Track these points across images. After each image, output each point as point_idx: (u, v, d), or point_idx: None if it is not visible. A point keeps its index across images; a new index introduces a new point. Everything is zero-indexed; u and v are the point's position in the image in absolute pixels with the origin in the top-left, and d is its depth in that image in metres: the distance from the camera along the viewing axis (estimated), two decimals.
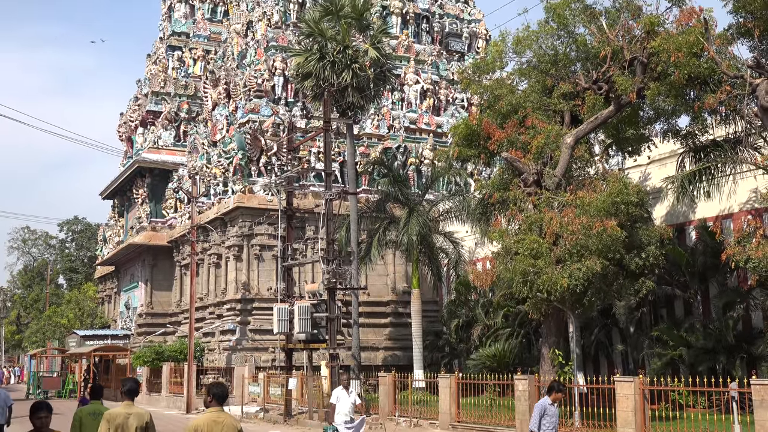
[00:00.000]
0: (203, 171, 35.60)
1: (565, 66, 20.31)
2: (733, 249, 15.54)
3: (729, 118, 17.86)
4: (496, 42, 21.75)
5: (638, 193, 17.17)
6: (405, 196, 27.56)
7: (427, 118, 36.32)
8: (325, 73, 25.36)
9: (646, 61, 17.95)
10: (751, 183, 19.14)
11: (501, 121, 20.24)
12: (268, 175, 31.81)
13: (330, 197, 23.10)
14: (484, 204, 21.90)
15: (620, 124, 19.64)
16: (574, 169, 19.35)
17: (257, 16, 38.03)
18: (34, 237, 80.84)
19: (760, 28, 16.06)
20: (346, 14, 26.05)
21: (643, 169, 22.96)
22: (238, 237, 31.97)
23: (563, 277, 15.97)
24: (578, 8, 19.72)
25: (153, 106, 44.72)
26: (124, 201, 48.59)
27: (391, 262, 33.05)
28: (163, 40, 48.16)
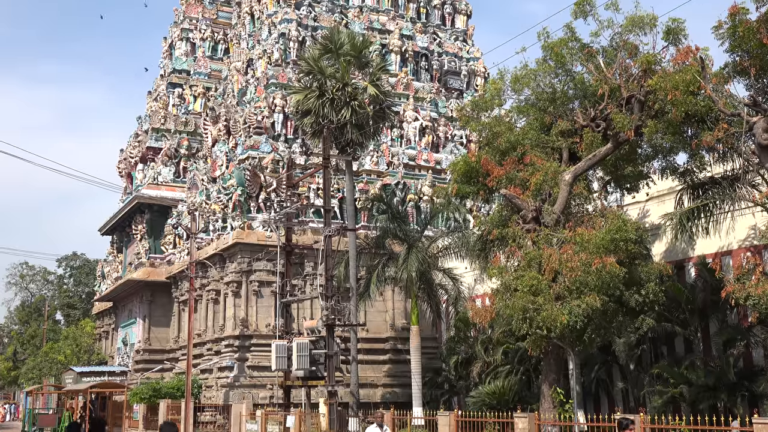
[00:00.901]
0: (202, 207, 35.66)
1: (563, 104, 20.49)
2: (733, 286, 15.53)
3: (727, 156, 17.96)
4: (495, 80, 21.95)
5: (637, 230, 17.21)
6: (404, 232, 27.58)
7: (426, 154, 36.48)
8: (324, 110, 25.56)
9: (643, 99, 18.11)
10: (750, 220, 19.20)
11: (500, 158, 20.36)
12: (268, 211, 31.86)
13: (329, 233, 23.13)
14: (483, 240, 21.91)
15: (618, 161, 19.74)
16: (572, 206, 19.41)
17: (257, 54, 38.40)
18: (32, 273, 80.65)
19: (756, 66, 16.22)
20: (345, 52, 26.32)
21: (641, 205, 23.03)
22: (236, 273, 31.92)
23: (563, 313, 15.94)
24: (575, 47, 19.94)
25: (153, 143, 44.93)
26: (123, 237, 48.57)
27: (390, 299, 32.95)
28: (163, 78, 48.53)
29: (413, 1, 41.31)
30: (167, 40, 49.71)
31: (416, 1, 41.44)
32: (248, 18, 42.19)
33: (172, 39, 48.83)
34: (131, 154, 47.24)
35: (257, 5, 41.41)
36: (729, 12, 16.24)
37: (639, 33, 18.98)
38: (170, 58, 48.63)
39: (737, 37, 16.18)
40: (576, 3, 19.26)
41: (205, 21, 47.67)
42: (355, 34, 28.20)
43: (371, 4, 40.21)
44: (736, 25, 16.06)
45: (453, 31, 41.91)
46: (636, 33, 19.02)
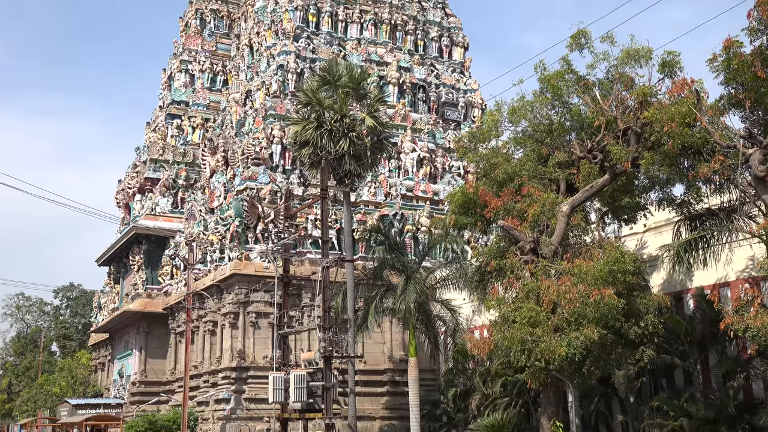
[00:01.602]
0: (200, 238, 35.62)
1: (560, 135, 20.58)
2: (732, 318, 15.49)
3: (723, 187, 18.00)
4: (492, 111, 22.07)
5: (635, 261, 17.21)
6: (402, 263, 27.52)
7: (424, 185, 36.54)
8: (322, 142, 25.63)
9: (639, 131, 18.20)
10: (747, 251, 19.19)
11: (497, 189, 20.39)
12: (265, 242, 31.82)
13: (327, 265, 23.07)
14: (481, 272, 21.87)
15: (616, 193, 19.77)
16: (570, 237, 19.41)
17: (256, 85, 38.63)
18: (28, 304, 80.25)
19: (751, 99, 16.33)
20: (343, 84, 26.46)
21: (639, 237, 23.03)
22: (234, 304, 31.79)
23: (561, 345, 15.87)
24: (572, 79, 20.07)
25: (151, 173, 45.01)
26: (120, 268, 48.44)
27: (388, 330, 32.79)
28: (162, 109, 48.76)
29: (411, 34, 41.67)
30: (166, 72, 50.02)
31: (414, 33, 41.80)
32: (247, 50, 42.52)
33: (171, 70, 49.14)
34: (129, 184, 47.29)
35: (256, 38, 41.74)
36: (723, 45, 16.39)
37: (635, 65, 19.13)
38: (169, 90, 48.90)
39: (732, 70, 16.31)
40: (572, 36, 19.44)
41: (204, 53, 48.02)
42: (353, 66, 28.39)
43: (369, 36, 40.55)
44: (731, 58, 16.20)
45: (450, 63, 42.23)
46: (632, 65, 19.17)
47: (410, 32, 41.66)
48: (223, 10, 49.29)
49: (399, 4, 41.75)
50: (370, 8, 40.96)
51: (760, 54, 15.90)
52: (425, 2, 43.30)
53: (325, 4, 40.08)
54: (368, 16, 40.78)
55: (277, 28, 39.66)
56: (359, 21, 40.77)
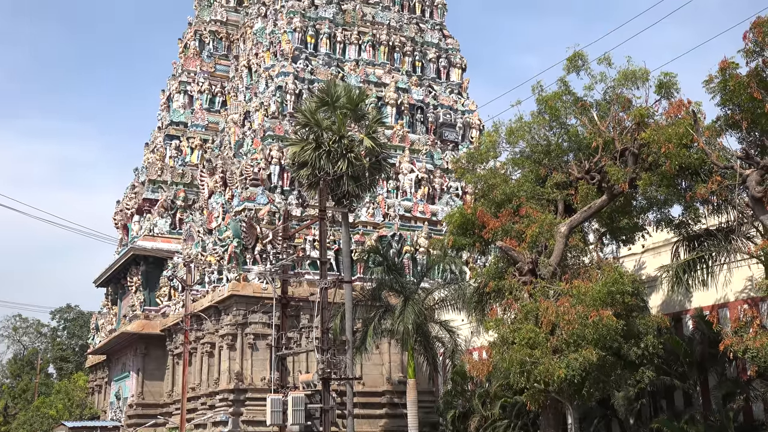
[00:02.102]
0: (198, 259, 35.57)
1: (558, 156, 20.63)
2: (731, 339, 15.46)
3: (721, 208, 18.03)
4: (490, 132, 22.13)
5: (633, 282, 17.19)
6: (400, 284, 27.47)
7: (422, 206, 36.57)
8: (320, 162, 25.66)
9: (637, 152, 18.25)
10: (746, 272, 19.18)
11: (495, 209, 20.40)
12: (263, 263, 31.77)
13: (325, 286, 23.04)
14: (480, 293, 21.84)
15: (614, 213, 19.79)
16: (568, 258, 19.40)
17: (254, 106, 38.76)
18: (25, 325, 79.91)
19: (748, 120, 16.40)
20: (341, 105, 26.55)
21: (637, 257, 23.02)
22: (232, 326, 31.69)
23: (560, 367, 15.81)
24: (569, 100, 20.17)
25: (149, 194, 45.01)
26: (118, 289, 48.32)
27: (387, 351, 32.67)
28: (161, 130, 48.87)
29: (409, 55, 41.89)
30: (165, 93, 50.20)
31: (411, 54, 42.02)
32: (246, 71, 42.70)
33: (170, 92, 49.32)
34: (127, 205, 47.29)
35: (255, 59, 41.93)
36: (719, 66, 16.49)
37: (631, 87, 19.23)
38: (168, 111, 49.05)
39: (728, 91, 16.40)
40: (568, 58, 19.56)
41: (203, 74, 48.21)
42: (352, 87, 28.49)
43: (367, 57, 40.75)
44: (727, 79, 16.29)
45: (448, 84, 42.42)
46: (629, 87, 19.27)
47: (408, 53, 41.87)
48: (222, 31, 49.54)
49: (397, 26, 42.00)
50: (368, 30, 41.18)
51: (756, 75, 15.99)
52: (423, 24, 43.57)
53: (323, 26, 40.31)
54: (366, 38, 41.00)
55: (276, 50, 39.85)
56: (357, 42, 40.98)
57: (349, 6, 41.80)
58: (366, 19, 41.55)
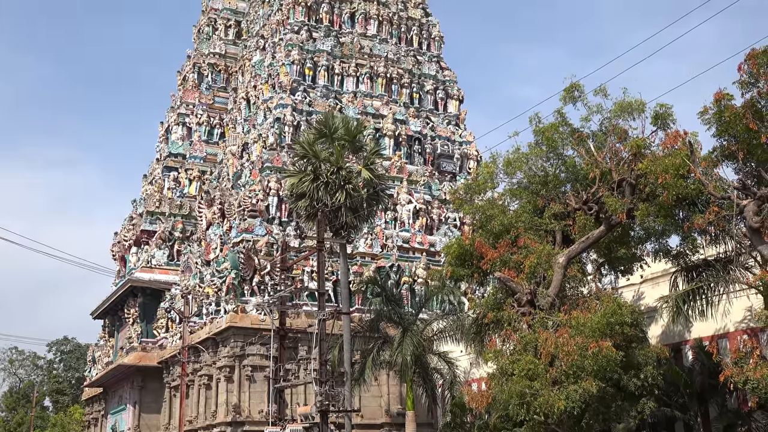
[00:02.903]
0: (196, 290, 35.47)
1: (555, 187, 20.68)
2: (731, 370, 15.39)
3: (719, 238, 18.06)
4: (488, 163, 22.21)
5: (633, 313, 17.15)
6: (399, 315, 27.40)
7: (420, 237, 36.58)
8: (318, 194, 25.69)
9: (634, 183, 18.30)
10: (745, 302, 19.15)
11: (493, 240, 20.41)
12: (261, 294, 31.68)
13: (323, 317, 22.95)
14: (479, 324, 21.76)
15: (612, 244, 19.80)
16: (567, 289, 19.36)
17: (253, 138, 38.91)
18: (21, 358, 79.46)
19: (744, 151, 16.48)
20: (339, 137, 26.64)
21: (636, 288, 22.99)
22: (229, 357, 31.51)
23: (560, 399, 15.72)
24: (566, 131, 20.28)
25: (147, 226, 44.98)
26: (115, 321, 48.09)
27: (385, 383, 32.47)
28: (159, 161, 48.99)
29: (406, 87, 42.18)
30: (164, 125, 50.40)
31: (409, 86, 42.32)
32: (244, 103, 42.94)
33: (169, 123, 49.52)
34: (125, 237, 47.24)
35: (253, 91, 42.20)
36: (714, 98, 16.61)
37: (628, 118, 19.35)
38: (166, 143, 49.20)
39: (723, 122, 16.50)
40: (565, 89, 19.70)
41: (202, 106, 48.45)
42: (350, 119, 28.63)
43: (365, 89, 41.01)
44: (722, 110, 16.39)
45: (446, 116, 42.66)
46: (625, 118, 19.39)
47: (406, 85, 42.17)
48: (221, 64, 49.88)
49: (394, 58, 42.34)
50: (366, 62, 41.50)
51: (752, 106, 16.11)
52: (420, 56, 43.93)
53: (321, 58, 40.61)
54: (364, 70, 41.30)
55: (274, 82, 40.12)
56: (355, 74, 41.28)
57: (346, 39, 42.16)
58: (364, 52, 41.89)
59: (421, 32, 44.66)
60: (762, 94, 16.18)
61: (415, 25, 44.44)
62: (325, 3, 42.57)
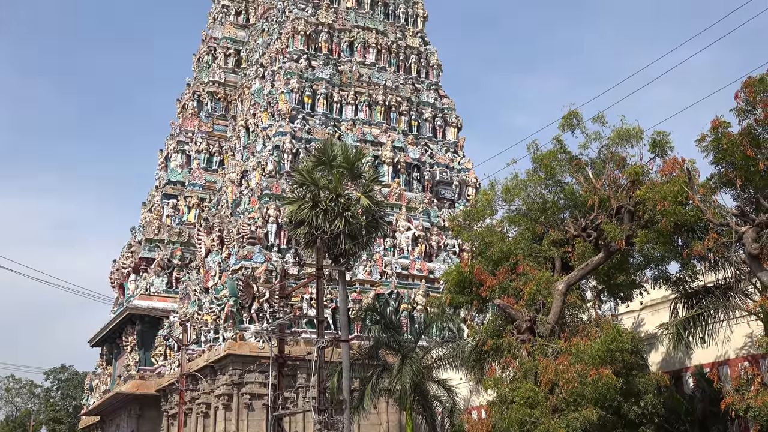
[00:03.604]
0: (194, 318, 35.37)
1: (554, 214, 20.72)
2: (733, 397, 15.33)
3: (718, 265, 18.06)
4: (486, 190, 22.26)
5: (633, 340, 17.12)
6: (398, 342, 27.31)
7: (419, 264, 36.57)
8: (317, 221, 25.72)
9: (633, 210, 18.34)
10: (746, 329, 19.10)
11: (492, 267, 20.41)
12: (260, 322, 31.58)
13: (322, 345, 22.89)
14: (478, 351, 21.68)
15: (611, 271, 19.79)
16: (567, 316, 19.32)
17: (252, 165, 39.03)
18: (18, 386, 78.97)
19: (742, 178, 16.55)
20: (338, 164, 26.73)
21: (636, 314, 22.94)
22: (227, 385, 31.34)
23: (560, 427, 15.64)
24: (564, 159, 20.36)
25: (146, 253, 44.94)
26: (113, 348, 47.89)
27: (385, 411, 32.28)
28: (158, 189, 49.08)
29: (405, 115, 42.40)
30: (163, 153, 50.57)
31: (408, 114, 42.54)
32: (243, 131, 43.14)
33: (168, 151, 49.68)
34: (124, 264, 47.18)
35: (252, 119, 42.41)
36: (711, 125, 16.70)
37: (626, 145, 19.44)
38: (166, 170, 49.33)
39: (721, 150, 16.58)
40: (563, 117, 19.81)
41: (201, 134, 48.64)
42: (348, 147, 28.75)
43: (364, 117, 41.23)
44: (719, 138, 16.48)
45: (444, 143, 42.84)
46: (623, 145, 19.48)
47: (404, 113, 42.39)
48: (220, 92, 50.14)
49: (393, 86, 42.60)
50: (364, 90, 41.76)
51: (749, 134, 16.21)
52: (419, 84, 44.21)
53: (320, 86, 40.86)
54: (363, 98, 41.54)
55: (273, 110, 40.33)
56: (354, 102, 41.51)
57: (345, 67, 42.45)
58: (362, 80, 42.16)
59: (420, 60, 44.96)
60: (759, 122, 16.28)
61: (414, 53, 44.77)
62: (324, 32, 42.91)
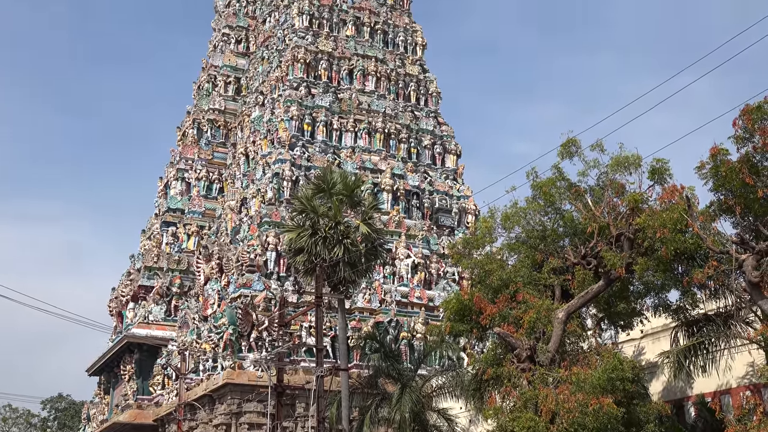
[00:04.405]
0: (193, 346, 35.18)
1: (554, 241, 20.65)
2: (735, 427, 15.17)
3: (719, 293, 17.96)
4: (486, 218, 22.21)
5: (633, 368, 16.98)
6: (397, 371, 27.12)
7: (419, 291, 36.45)
8: (317, 249, 25.66)
9: (632, 237, 18.28)
10: (747, 357, 18.96)
11: (492, 295, 20.30)
12: (259, 350, 31.41)
13: (321, 374, 22.74)
14: (478, 380, 21.49)
15: (611, 299, 19.69)
16: (567, 344, 19.18)
17: (251, 193, 39.05)
18: (15, 416, 78.32)
19: (741, 205, 16.51)
20: (337, 191, 26.74)
21: (636, 343, 22.80)
22: (226, 415, 31.09)
23: None
24: (563, 186, 20.33)
25: (145, 281, 44.83)
26: (110, 377, 47.59)
27: None
28: (158, 216, 49.07)
29: (404, 142, 42.52)
30: (163, 180, 50.64)
31: (407, 141, 42.65)
32: (243, 158, 43.22)
33: (168, 179, 49.75)
34: (123, 292, 47.05)
35: (252, 146, 42.52)
36: (710, 152, 16.69)
37: (625, 173, 19.41)
38: (165, 198, 49.36)
39: (720, 177, 16.56)
40: (562, 145, 19.82)
41: (201, 161, 48.75)
42: (348, 174, 28.80)
43: (363, 144, 41.33)
44: (718, 165, 16.47)
45: (443, 170, 42.91)
46: (622, 172, 19.45)
47: (404, 140, 42.51)
48: (220, 120, 50.32)
49: (392, 114, 42.76)
50: (364, 118, 41.91)
51: (747, 161, 16.19)
52: (418, 111, 44.38)
53: (320, 114, 41.02)
54: (362, 126, 41.68)
55: (273, 137, 40.44)
56: (353, 130, 41.65)
57: (345, 95, 42.64)
58: (362, 107, 42.33)
59: (419, 88, 45.18)
60: (757, 149, 16.28)
61: (413, 81, 44.99)
62: (324, 60, 43.16)
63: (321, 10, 44.69)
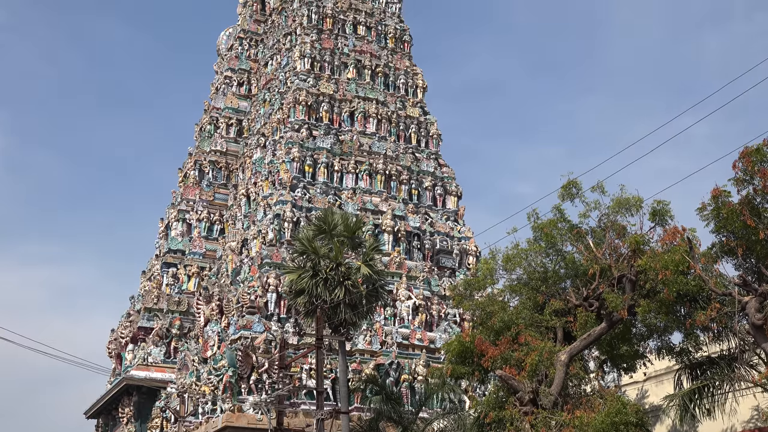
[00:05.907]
0: (192, 389, 34.86)
1: (555, 283, 20.61)
2: None
3: (722, 335, 17.87)
4: (487, 259, 22.19)
5: (637, 412, 16.81)
6: (398, 414, 26.87)
7: (420, 333, 36.25)
8: (317, 290, 25.60)
9: (634, 279, 18.24)
10: (752, 401, 18.78)
11: (494, 337, 20.19)
12: (259, 392, 31.13)
13: (322, 417, 22.53)
14: (480, 423, 21.26)
15: (614, 341, 19.57)
16: (569, 387, 19.03)
17: (252, 234, 39.06)
18: None
19: (743, 247, 16.51)
20: (338, 233, 26.76)
21: (639, 385, 22.61)
22: None
23: None
24: (565, 228, 20.35)
25: (145, 323, 44.56)
26: (109, 420, 47.08)
27: None
28: (158, 257, 48.98)
29: (405, 183, 42.65)
30: (164, 221, 50.65)
31: (408, 183, 42.79)
32: (244, 200, 43.31)
33: (169, 220, 49.76)
34: (122, 334, 46.75)
35: (253, 188, 42.64)
36: (711, 194, 16.75)
37: (626, 214, 19.47)
38: (166, 239, 49.31)
39: (721, 219, 16.58)
40: (563, 186, 19.89)
41: (202, 203, 48.78)
42: (349, 215, 28.84)
43: (364, 186, 41.45)
44: (719, 207, 16.51)
45: (444, 212, 42.97)
46: (623, 214, 19.52)
47: (404, 182, 42.65)
48: (222, 161, 50.50)
49: (393, 156, 42.96)
50: (365, 159, 42.10)
51: (748, 203, 16.23)
52: (419, 153, 44.59)
53: (321, 155, 41.21)
54: (363, 167, 41.85)
55: (274, 179, 40.59)
56: (354, 171, 41.80)
57: (346, 137, 42.89)
58: (363, 149, 42.54)
59: (420, 130, 45.43)
60: (758, 191, 16.33)
61: (414, 123, 45.28)
62: (325, 102, 43.48)
63: (323, 53, 45.13)
